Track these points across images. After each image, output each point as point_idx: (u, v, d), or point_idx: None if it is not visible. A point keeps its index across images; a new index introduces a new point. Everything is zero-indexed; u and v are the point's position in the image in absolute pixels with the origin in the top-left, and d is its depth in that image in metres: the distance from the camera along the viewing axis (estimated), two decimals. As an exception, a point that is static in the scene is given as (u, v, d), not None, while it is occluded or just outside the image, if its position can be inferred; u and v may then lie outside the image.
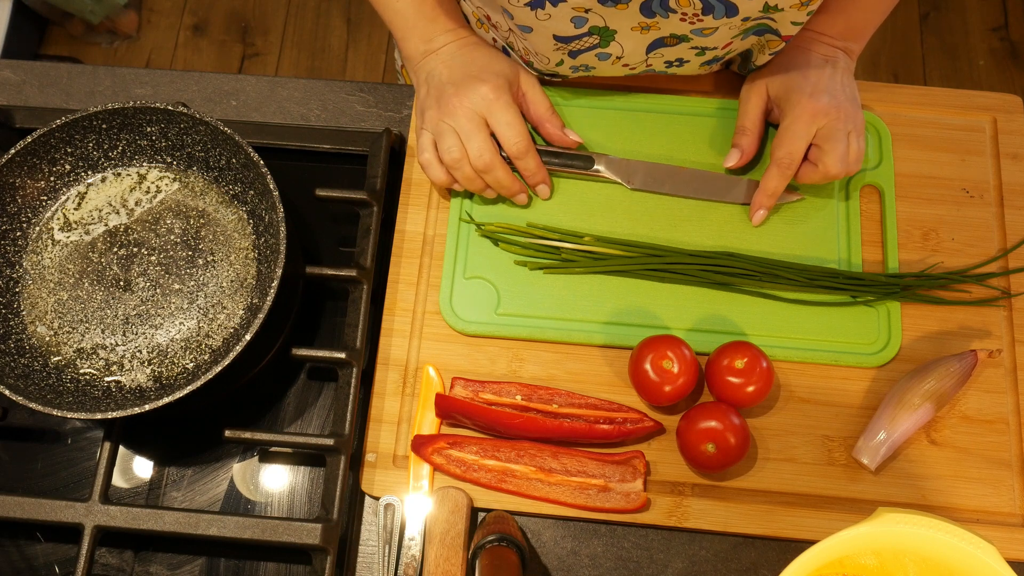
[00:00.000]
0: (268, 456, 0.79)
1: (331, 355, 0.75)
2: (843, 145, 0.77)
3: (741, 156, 0.81)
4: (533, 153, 0.80)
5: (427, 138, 0.80)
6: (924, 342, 0.79)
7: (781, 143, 0.79)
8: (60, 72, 0.92)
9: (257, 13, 2.12)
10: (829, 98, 0.77)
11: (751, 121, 0.82)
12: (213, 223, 0.81)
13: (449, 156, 0.78)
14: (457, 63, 0.80)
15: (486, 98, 0.77)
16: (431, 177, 0.81)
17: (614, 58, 0.78)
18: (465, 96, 0.77)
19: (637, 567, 0.74)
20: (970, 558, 0.60)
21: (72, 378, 0.76)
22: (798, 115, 0.78)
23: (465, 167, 0.78)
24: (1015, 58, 2.03)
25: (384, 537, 0.74)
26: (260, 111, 0.90)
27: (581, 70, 0.82)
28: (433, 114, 0.79)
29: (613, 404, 0.76)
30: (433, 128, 0.79)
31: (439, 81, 0.79)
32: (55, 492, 0.78)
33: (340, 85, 0.91)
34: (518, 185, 0.81)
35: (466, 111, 0.77)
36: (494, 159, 0.78)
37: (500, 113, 0.78)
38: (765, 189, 0.80)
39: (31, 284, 0.79)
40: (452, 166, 0.79)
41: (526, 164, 0.80)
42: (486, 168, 0.78)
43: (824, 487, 0.75)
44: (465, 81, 0.78)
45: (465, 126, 0.77)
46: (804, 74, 0.79)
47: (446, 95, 0.78)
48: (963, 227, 0.83)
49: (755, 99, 0.82)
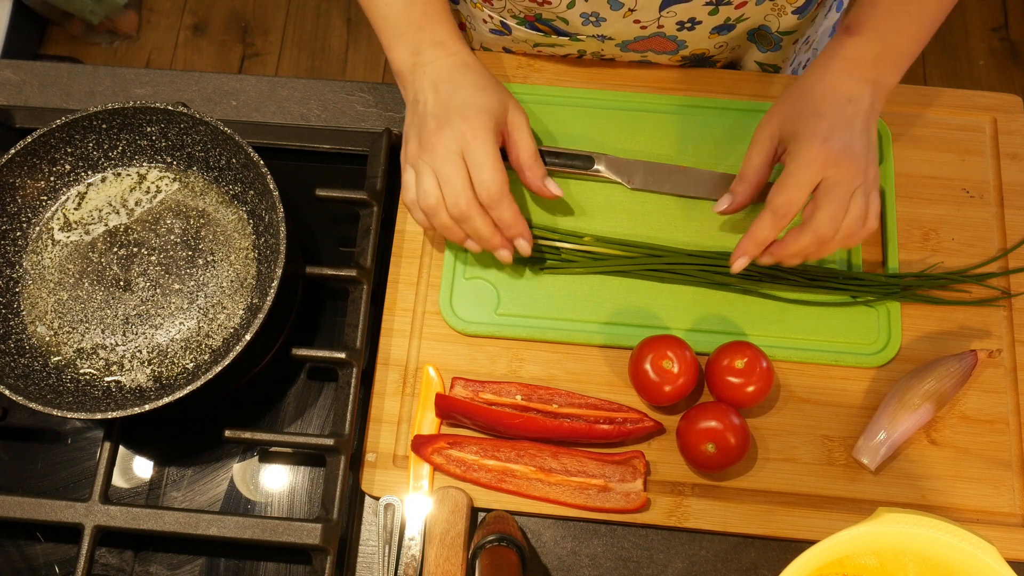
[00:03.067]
0: (268, 456, 0.79)
1: (331, 355, 0.75)
2: (841, 205, 0.69)
3: (731, 203, 0.76)
4: (508, 202, 0.73)
5: (409, 175, 0.74)
6: (924, 342, 0.79)
7: (781, 189, 0.70)
8: (60, 72, 0.92)
9: (257, 13, 2.12)
10: (842, 146, 0.69)
11: (752, 168, 0.75)
12: (213, 223, 0.81)
13: (425, 201, 0.72)
14: (443, 90, 0.74)
15: (464, 136, 0.71)
16: (415, 219, 0.76)
17: (626, 9, 0.76)
18: (444, 132, 0.72)
19: (637, 567, 0.74)
20: (970, 558, 0.60)
21: (72, 378, 0.76)
22: (805, 161, 0.69)
23: (441, 214, 0.73)
24: (1015, 58, 2.03)
25: (384, 537, 0.74)
26: (260, 111, 0.90)
27: (592, 20, 0.78)
28: (413, 148, 0.74)
29: (613, 404, 0.76)
30: (413, 164, 0.74)
31: (423, 111, 0.74)
32: (55, 492, 0.78)
33: (340, 85, 0.91)
34: (498, 239, 0.74)
35: (444, 149, 0.71)
36: (470, 207, 0.71)
37: (476, 152, 0.71)
38: (754, 237, 0.72)
39: (31, 284, 0.79)
40: (428, 212, 0.73)
41: (499, 214, 0.73)
42: (462, 217, 0.72)
43: (824, 487, 0.75)
44: (447, 115, 0.72)
45: (443, 167, 0.71)
46: (819, 113, 0.71)
47: (427, 129, 0.73)
48: (963, 227, 0.83)
49: (762, 143, 0.74)
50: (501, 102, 0.75)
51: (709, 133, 0.86)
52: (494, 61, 0.90)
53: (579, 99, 0.87)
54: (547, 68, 0.89)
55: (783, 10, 0.78)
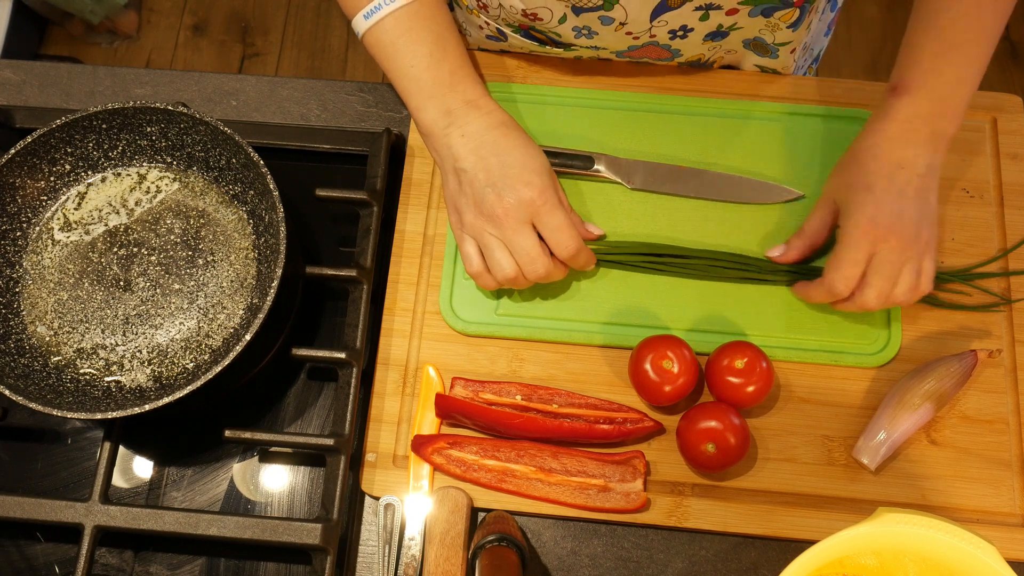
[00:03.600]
0: (268, 456, 0.79)
1: (331, 355, 0.75)
2: (889, 281, 0.70)
3: (783, 254, 0.78)
4: (583, 249, 0.75)
5: (471, 246, 0.75)
6: (924, 342, 0.79)
7: (836, 266, 0.72)
8: (60, 72, 0.92)
9: (257, 13, 2.12)
10: (891, 221, 0.69)
11: (812, 228, 0.77)
12: (213, 223, 0.81)
13: (503, 275, 0.74)
14: (489, 157, 0.73)
15: (533, 204, 0.72)
16: (481, 285, 0.77)
17: (617, 23, 0.76)
18: (509, 203, 0.72)
19: (637, 567, 0.74)
20: (970, 558, 0.60)
21: (72, 378, 0.76)
22: (855, 238, 0.70)
23: (520, 282, 0.74)
24: (1015, 58, 2.03)
25: (384, 537, 0.74)
26: (260, 111, 0.90)
27: (584, 33, 0.79)
28: (473, 221, 0.74)
29: (613, 404, 0.76)
30: (477, 237, 0.74)
31: (476, 183, 0.73)
32: (55, 492, 0.78)
33: (340, 85, 0.91)
34: (562, 270, 0.77)
35: (514, 221, 0.72)
36: (547, 266, 0.73)
37: (548, 217, 0.73)
38: (807, 296, 0.76)
39: (31, 284, 0.79)
40: (505, 283, 0.75)
41: (576, 261, 0.75)
42: (540, 279, 0.74)
43: (824, 487, 0.75)
44: (506, 184, 0.72)
45: (515, 239, 0.72)
46: (868, 186, 0.71)
47: (488, 202, 0.72)
48: (963, 227, 0.83)
49: (822, 208, 0.76)
50: (546, 159, 0.76)
51: (709, 133, 0.86)
52: (494, 61, 0.90)
53: (579, 99, 0.87)
54: (547, 68, 0.89)
55: (777, 26, 0.79)
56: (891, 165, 0.71)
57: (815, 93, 0.88)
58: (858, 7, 2.07)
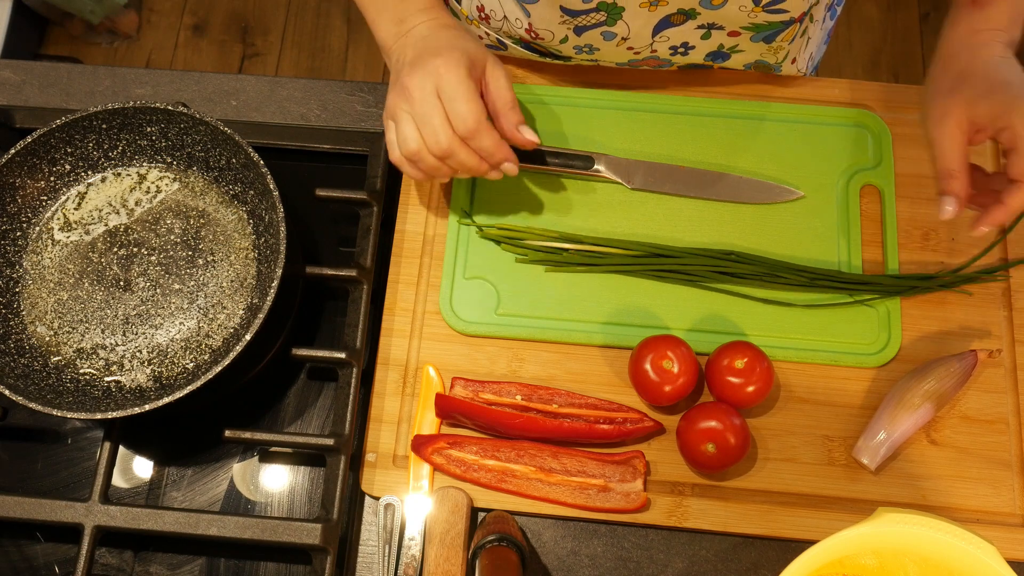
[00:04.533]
0: (268, 456, 0.79)
1: (331, 355, 0.75)
2: None
3: (957, 204, 0.69)
4: (487, 130, 0.71)
5: (391, 132, 0.73)
6: (924, 342, 0.79)
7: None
8: (60, 72, 0.92)
9: (257, 13, 2.12)
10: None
11: (957, 162, 0.69)
12: (213, 223, 0.81)
13: (406, 148, 0.71)
14: (421, 44, 0.73)
15: (437, 71, 0.70)
16: (407, 174, 0.75)
17: (619, 39, 0.76)
18: (418, 73, 0.70)
19: (637, 567, 0.74)
20: (970, 558, 0.60)
21: (72, 378, 0.76)
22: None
23: (426, 157, 0.72)
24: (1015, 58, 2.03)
25: (384, 537, 0.74)
26: (260, 111, 0.90)
27: (585, 51, 0.80)
28: (391, 99, 0.73)
29: (613, 404, 0.76)
30: (392, 115, 0.73)
31: (399, 63, 0.73)
32: (55, 492, 0.78)
33: (340, 85, 0.91)
34: (485, 166, 0.74)
35: (419, 90, 0.70)
36: (451, 142, 0.70)
37: (449, 87, 0.70)
38: (1011, 208, 0.69)
39: (31, 284, 0.79)
40: (413, 158, 0.72)
41: (480, 143, 0.71)
42: (444, 154, 0.71)
43: (824, 487, 0.75)
44: (421, 59, 0.71)
45: (419, 108, 0.70)
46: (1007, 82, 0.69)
47: (402, 76, 0.72)
48: (963, 227, 0.83)
49: (953, 134, 0.70)
50: (480, 49, 0.73)
51: (709, 133, 0.86)
52: (494, 61, 0.90)
53: (579, 99, 0.87)
54: (547, 69, 0.89)
55: (780, 47, 0.79)
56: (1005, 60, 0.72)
57: (815, 93, 0.88)
58: (858, 7, 2.07)
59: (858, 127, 0.86)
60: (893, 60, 2.03)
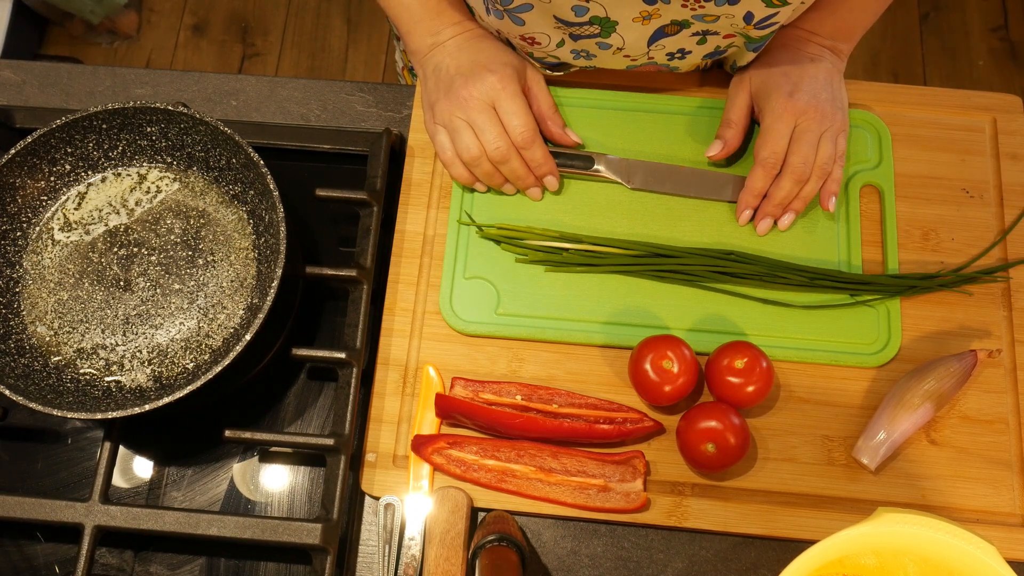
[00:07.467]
0: (268, 456, 0.79)
1: (331, 355, 0.75)
2: (811, 148, 0.78)
3: (724, 147, 0.82)
4: (539, 143, 0.80)
5: (443, 136, 0.81)
6: (924, 342, 0.79)
7: (764, 143, 0.79)
8: (60, 72, 0.92)
9: (257, 13, 2.12)
10: (808, 98, 0.78)
11: (736, 115, 0.82)
12: (213, 223, 0.81)
13: (468, 154, 0.79)
14: (464, 55, 0.80)
15: (494, 87, 0.78)
16: (453, 175, 0.82)
17: (615, 48, 0.78)
18: (474, 86, 0.78)
19: (637, 567, 0.74)
20: (970, 558, 0.60)
21: (72, 378, 0.76)
22: (778, 114, 0.78)
23: (484, 163, 0.80)
24: (1015, 58, 2.03)
25: (384, 537, 0.74)
26: (260, 111, 0.90)
27: (582, 57, 0.81)
28: (444, 107, 0.80)
29: (613, 404, 0.76)
30: (447, 123, 0.80)
31: (447, 74, 0.80)
32: (55, 492, 0.78)
33: (340, 85, 0.91)
34: (532, 178, 0.82)
35: (476, 102, 0.78)
36: (510, 149, 0.79)
37: (507, 102, 0.78)
38: (751, 189, 0.80)
39: (31, 284, 0.79)
40: (471, 163, 0.80)
41: (532, 154, 0.80)
42: (502, 159, 0.79)
43: (824, 487, 0.75)
44: (474, 71, 0.79)
45: (477, 119, 0.78)
46: (786, 72, 0.80)
47: (455, 87, 0.79)
48: (963, 227, 0.83)
49: (742, 95, 0.82)
50: (520, 61, 0.82)
51: (709, 133, 0.86)
52: (494, 61, 0.90)
53: (579, 99, 0.87)
54: (547, 68, 0.89)
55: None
56: (804, 56, 0.81)
57: (815, 93, 0.88)
58: (858, 7, 2.07)
59: (858, 127, 0.86)
60: (893, 60, 2.04)
